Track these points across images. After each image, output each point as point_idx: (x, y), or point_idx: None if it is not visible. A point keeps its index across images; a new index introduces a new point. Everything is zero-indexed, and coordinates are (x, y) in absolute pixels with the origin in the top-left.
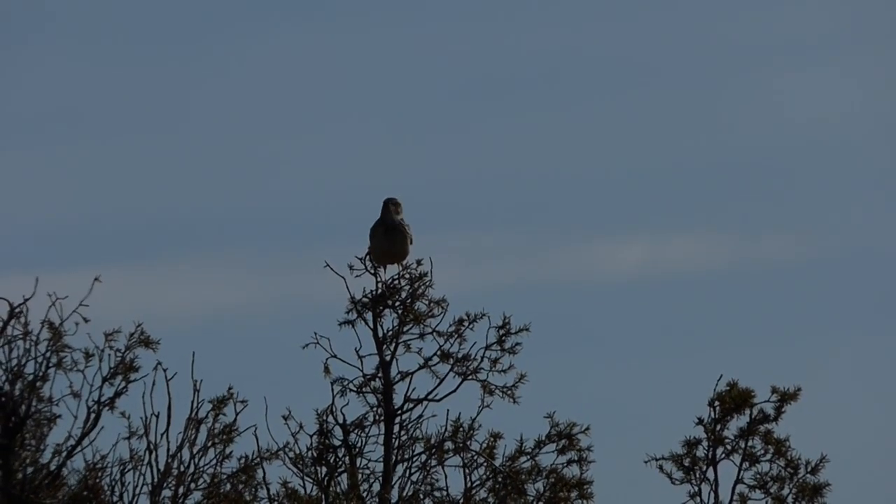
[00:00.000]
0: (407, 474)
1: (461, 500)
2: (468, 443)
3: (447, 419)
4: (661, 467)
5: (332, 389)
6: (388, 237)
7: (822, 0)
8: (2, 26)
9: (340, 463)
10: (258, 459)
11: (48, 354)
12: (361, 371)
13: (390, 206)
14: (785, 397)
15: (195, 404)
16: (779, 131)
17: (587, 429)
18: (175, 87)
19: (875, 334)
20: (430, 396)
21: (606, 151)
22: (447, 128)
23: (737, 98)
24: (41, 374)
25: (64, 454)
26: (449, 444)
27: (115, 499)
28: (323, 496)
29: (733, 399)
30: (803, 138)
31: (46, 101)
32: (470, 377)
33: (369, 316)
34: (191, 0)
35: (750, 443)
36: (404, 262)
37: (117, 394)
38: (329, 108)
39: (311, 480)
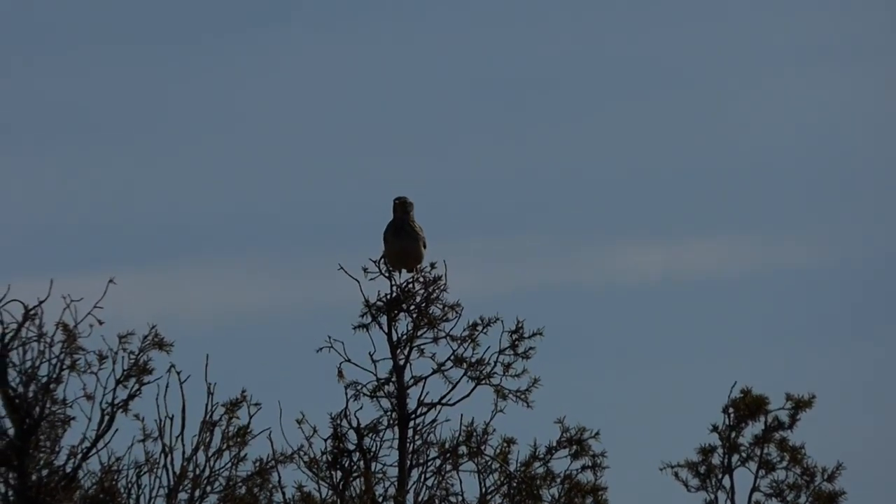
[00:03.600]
0: (422, 479)
1: None
2: (482, 448)
3: (461, 424)
4: (676, 474)
5: (346, 393)
6: (398, 237)
7: (840, 2)
8: (11, 26)
9: (355, 467)
10: (273, 463)
11: (62, 356)
12: (375, 375)
13: (396, 204)
14: (799, 405)
15: (209, 407)
16: (800, 137)
17: (597, 434)
18: (193, 90)
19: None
20: (443, 401)
21: (627, 156)
22: (465, 131)
23: (758, 103)
24: (55, 376)
25: (79, 456)
26: (463, 449)
27: (131, 502)
28: (338, 500)
29: (747, 406)
30: (824, 144)
31: (62, 102)
32: (483, 382)
33: (384, 319)
34: (214, 3)
35: (765, 450)
36: (419, 266)
37: (131, 396)
38: (347, 111)
39: (326, 484)
